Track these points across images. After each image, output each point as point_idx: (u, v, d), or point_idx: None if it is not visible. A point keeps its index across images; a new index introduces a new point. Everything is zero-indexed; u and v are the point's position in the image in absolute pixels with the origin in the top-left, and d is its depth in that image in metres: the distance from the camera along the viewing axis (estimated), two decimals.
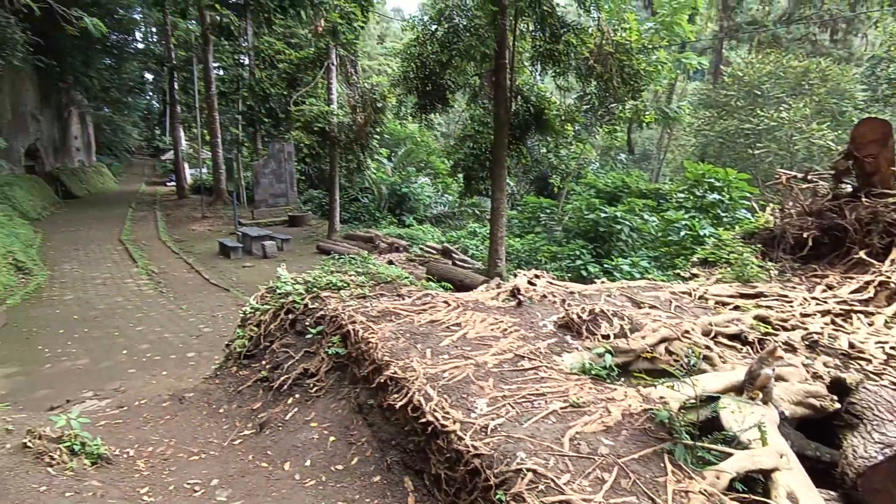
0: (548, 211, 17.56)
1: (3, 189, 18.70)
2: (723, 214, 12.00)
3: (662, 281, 7.49)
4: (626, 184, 16.59)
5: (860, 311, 5.93)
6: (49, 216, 21.35)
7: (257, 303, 5.47)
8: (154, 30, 42.98)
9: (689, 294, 6.06)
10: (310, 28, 20.56)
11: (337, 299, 5.01)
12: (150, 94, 52.69)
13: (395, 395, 3.52)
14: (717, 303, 5.99)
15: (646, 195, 16.73)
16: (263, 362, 5.02)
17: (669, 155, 33.86)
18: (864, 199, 6.90)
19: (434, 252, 16.44)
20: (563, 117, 12.33)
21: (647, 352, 4.00)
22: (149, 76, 45.79)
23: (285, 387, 4.58)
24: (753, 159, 21.16)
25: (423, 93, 11.98)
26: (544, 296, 4.89)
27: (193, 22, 25.56)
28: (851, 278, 6.63)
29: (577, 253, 12.94)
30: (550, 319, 4.39)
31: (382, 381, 3.73)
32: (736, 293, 6.41)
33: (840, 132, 19.30)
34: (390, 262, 12.70)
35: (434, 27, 11.33)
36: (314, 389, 4.43)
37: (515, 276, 6.02)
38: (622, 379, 3.87)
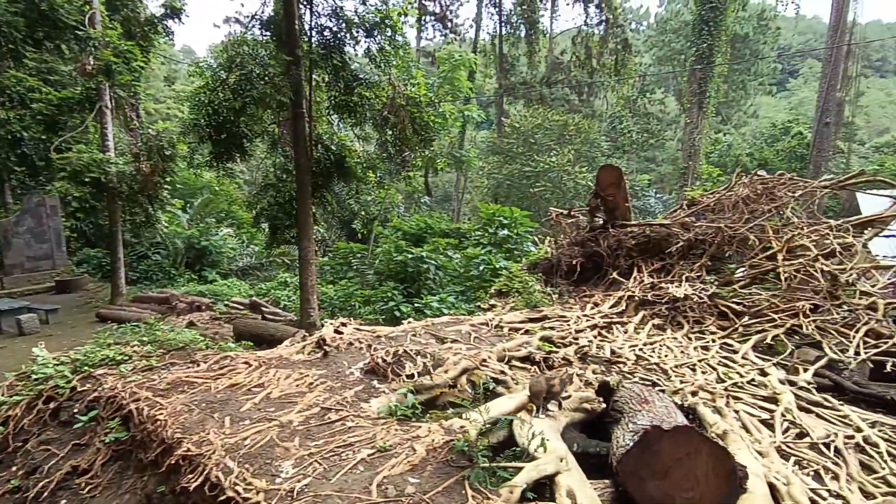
0: (358, 256, 17.73)
1: None
2: (513, 248, 13.50)
3: (465, 314, 8.10)
4: (429, 225, 17.66)
5: (618, 322, 7.15)
6: None
7: (3, 395, 4.47)
8: None
9: (487, 324, 6.66)
10: (75, 66, 18.03)
11: (115, 376, 4.36)
12: None
13: (190, 476, 3.17)
14: (510, 329, 6.68)
15: (448, 234, 17.97)
16: (14, 468, 4.08)
17: (468, 196, 37.11)
18: (611, 230, 8.45)
19: (242, 307, 15.32)
20: (364, 165, 12.74)
21: (450, 385, 4.27)
22: None
23: (46, 493, 3.78)
24: (535, 197, 24.34)
25: (218, 141, 11.33)
26: (351, 343, 4.92)
27: None
28: (610, 295, 7.97)
29: (389, 295, 13.25)
30: (357, 367, 4.43)
31: (174, 462, 3.33)
32: (526, 318, 7.23)
33: (594, 175, 23.39)
34: (191, 324, 11.48)
35: (224, 74, 10.90)
36: (87, 489, 3.74)
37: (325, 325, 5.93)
38: (429, 415, 4.06)
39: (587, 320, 7.01)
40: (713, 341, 6.39)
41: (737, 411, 4.44)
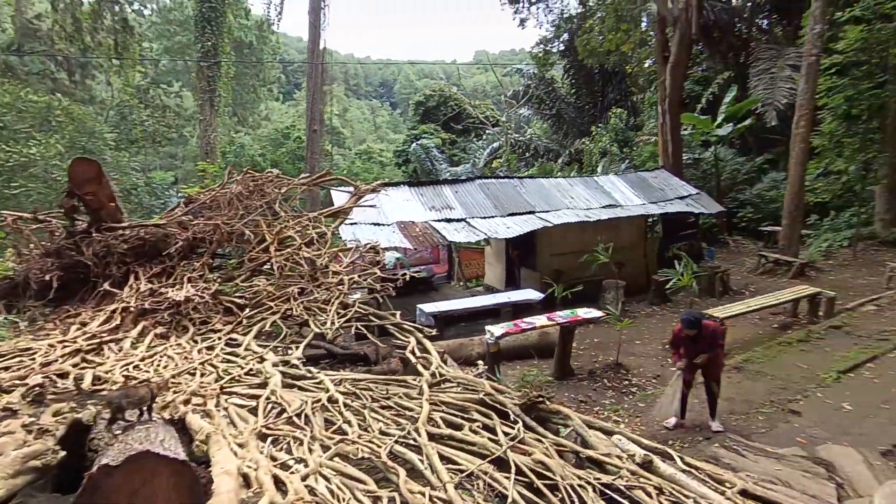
0: None
1: None
2: None
3: None
4: None
5: (111, 341, 6.16)
6: None
7: None
8: None
9: None
10: None
11: None
12: None
13: None
14: None
15: None
16: None
17: None
18: (96, 235, 7.20)
19: None
20: None
21: None
22: None
23: None
24: (16, 199, 18.92)
25: None
26: None
27: None
28: (101, 311, 6.81)
29: None
30: None
31: None
32: None
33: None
34: None
35: None
36: None
37: None
38: None
39: (65, 346, 5.73)
40: (219, 339, 6.32)
41: (226, 408, 4.43)
